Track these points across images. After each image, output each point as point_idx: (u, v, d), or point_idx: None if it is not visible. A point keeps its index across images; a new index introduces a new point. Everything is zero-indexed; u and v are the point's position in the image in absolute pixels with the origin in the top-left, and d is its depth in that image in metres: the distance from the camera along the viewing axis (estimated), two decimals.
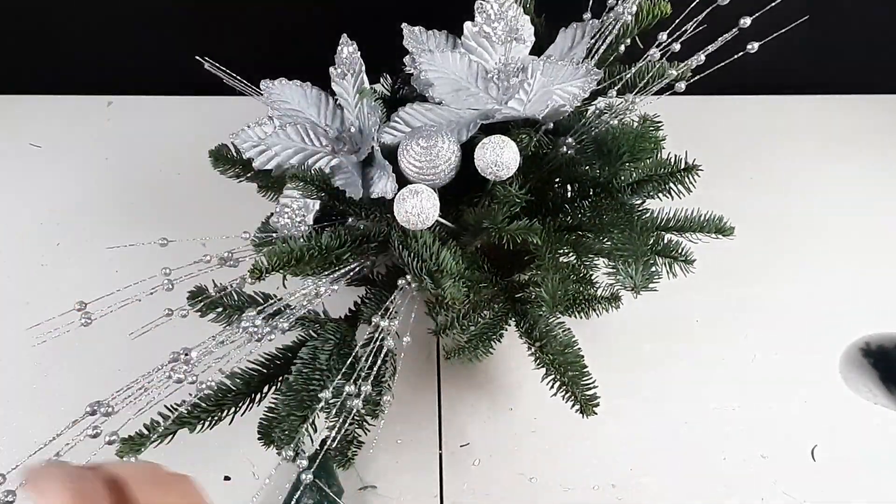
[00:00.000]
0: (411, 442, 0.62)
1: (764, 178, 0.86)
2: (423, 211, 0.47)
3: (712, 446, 0.62)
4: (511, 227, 0.50)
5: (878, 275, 0.76)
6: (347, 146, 0.58)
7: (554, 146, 0.54)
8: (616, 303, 0.60)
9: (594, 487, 0.60)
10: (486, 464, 0.61)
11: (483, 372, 0.67)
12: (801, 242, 0.79)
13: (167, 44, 0.86)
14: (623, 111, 0.53)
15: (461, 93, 0.56)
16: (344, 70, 0.57)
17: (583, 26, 0.58)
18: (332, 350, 0.53)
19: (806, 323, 0.71)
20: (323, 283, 0.52)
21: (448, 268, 0.49)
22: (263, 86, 0.59)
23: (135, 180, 0.84)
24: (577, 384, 0.53)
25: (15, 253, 0.78)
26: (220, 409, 0.52)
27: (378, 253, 0.56)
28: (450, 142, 0.51)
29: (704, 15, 0.47)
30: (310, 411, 0.49)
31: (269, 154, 0.57)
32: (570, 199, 0.57)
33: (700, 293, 0.71)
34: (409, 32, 0.59)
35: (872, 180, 0.86)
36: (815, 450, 0.62)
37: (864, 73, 0.95)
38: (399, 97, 0.63)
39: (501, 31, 0.56)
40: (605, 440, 0.62)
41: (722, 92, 0.95)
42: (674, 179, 0.52)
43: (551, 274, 0.50)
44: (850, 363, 0.68)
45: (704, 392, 0.66)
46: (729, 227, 0.54)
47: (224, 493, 0.59)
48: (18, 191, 0.84)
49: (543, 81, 0.55)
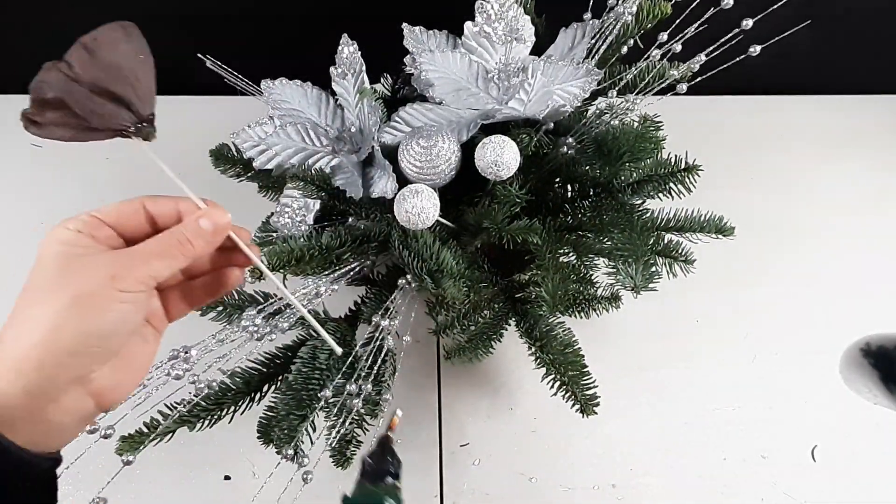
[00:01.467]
0: (411, 442, 0.62)
1: (764, 178, 0.86)
2: (424, 211, 0.47)
3: (712, 446, 0.62)
4: (511, 227, 0.50)
5: (878, 275, 0.76)
6: (348, 146, 0.58)
7: (554, 146, 0.54)
8: (616, 303, 0.60)
9: (594, 487, 0.60)
10: (486, 464, 0.61)
11: (483, 372, 0.67)
12: (801, 242, 0.79)
13: (167, 44, 0.85)
14: (623, 111, 0.53)
15: (461, 93, 0.56)
16: (344, 70, 0.57)
17: (583, 26, 0.58)
18: (331, 350, 0.53)
19: (806, 323, 0.71)
20: (323, 283, 0.52)
21: (448, 268, 0.49)
22: (264, 86, 0.59)
23: (135, 180, 0.84)
24: (578, 384, 0.53)
25: (15, 253, 0.78)
26: (219, 407, 0.52)
27: (378, 253, 0.56)
28: (450, 142, 0.51)
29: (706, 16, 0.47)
30: (309, 410, 0.49)
31: (269, 154, 0.57)
32: (570, 199, 0.57)
33: (700, 293, 0.71)
34: (409, 32, 0.59)
35: (872, 180, 0.86)
36: (815, 450, 0.62)
37: (864, 73, 0.95)
38: (399, 97, 0.63)
39: (502, 31, 0.56)
40: (605, 440, 0.62)
41: (722, 92, 0.95)
42: (674, 179, 0.52)
43: (551, 274, 0.50)
44: (851, 363, 0.67)
45: (704, 392, 0.66)
46: (729, 227, 0.54)
47: (224, 493, 0.59)
48: (18, 191, 0.84)
49: (544, 81, 0.55)
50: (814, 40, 0.65)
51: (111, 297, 0.29)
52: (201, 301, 0.36)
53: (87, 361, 0.29)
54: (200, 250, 0.32)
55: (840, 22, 0.87)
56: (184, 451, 0.60)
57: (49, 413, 0.29)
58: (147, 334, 0.33)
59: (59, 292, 0.28)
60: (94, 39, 0.33)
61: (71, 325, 0.28)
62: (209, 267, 0.36)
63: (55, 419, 0.29)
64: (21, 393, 0.27)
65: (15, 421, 0.28)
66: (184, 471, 0.60)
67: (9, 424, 0.27)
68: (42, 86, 0.33)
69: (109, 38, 0.33)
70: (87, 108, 0.32)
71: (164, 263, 0.31)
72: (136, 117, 0.34)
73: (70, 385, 0.29)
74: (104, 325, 0.29)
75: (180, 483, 0.59)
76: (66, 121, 0.33)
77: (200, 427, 0.51)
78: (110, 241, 0.32)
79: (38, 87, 0.33)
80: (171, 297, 0.35)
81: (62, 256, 0.29)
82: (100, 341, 0.29)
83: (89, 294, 0.28)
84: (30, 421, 0.28)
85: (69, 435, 0.31)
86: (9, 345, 0.28)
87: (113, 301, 0.29)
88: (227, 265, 0.35)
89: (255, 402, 0.54)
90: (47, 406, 0.28)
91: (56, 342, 0.28)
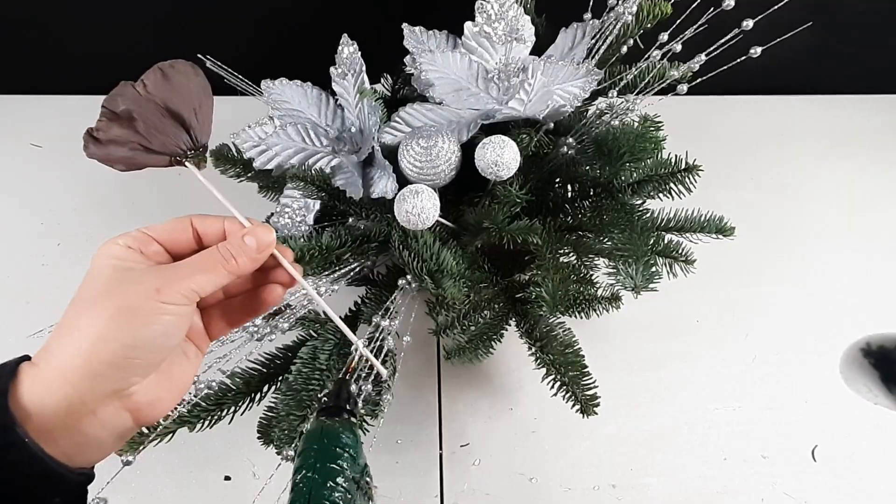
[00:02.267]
0: (411, 442, 0.62)
1: (764, 178, 0.86)
2: (424, 211, 0.47)
3: (712, 446, 0.62)
4: (511, 227, 0.50)
5: (878, 275, 0.76)
6: (348, 146, 0.58)
7: (554, 146, 0.54)
8: (616, 303, 0.60)
9: (594, 487, 0.60)
10: (486, 464, 0.61)
11: (483, 372, 0.67)
12: (801, 242, 0.79)
13: (167, 44, 0.86)
14: (623, 111, 0.53)
15: (462, 93, 0.56)
16: (344, 70, 0.57)
17: (583, 26, 0.58)
18: (332, 350, 0.53)
19: (806, 323, 0.71)
20: (323, 283, 0.52)
21: (448, 268, 0.49)
22: (264, 86, 0.59)
23: (135, 180, 0.84)
24: (578, 384, 0.53)
25: (15, 253, 0.78)
26: (219, 408, 0.52)
27: (378, 253, 0.56)
28: (450, 142, 0.51)
29: (706, 17, 0.47)
30: (309, 411, 0.49)
31: (269, 154, 0.57)
32: (570, 199, 0.57)
33: (700, 293, 0.71)
34: (409, 32, 0.59)
35: (872, 180, 0.86)
36: (816, 450, 0.62)
37: (864, 73, 0.95)
38: (399, 97, 0.63)
39: (502, 31, 0.56)
40: (605, 440, 0.62)
41: (722, 92, 0.95)
42: (674, 179, 0.52)
43: (551, 274, 0.50)
44: (851, 363, 0.67)
45: (705, 392, 0.66)
46: (729, 227, 0.54)
47: (224, 493, 0.59)
48: (18, 191, 0.84)
49: (544, 81, 0.55)
50: (814, 40, 0.65)
51: (155, 309, 0.29)
52: (242, 320, 0.37)
53: (129, 374, 0.29)
54: (244, 267, 0.33)
55: (840, 22, 0.87)
56: (184, 451, 0.60)
57: (86, 425, 0.29)
58: (189, 352, 0.34)
59: (106, 303, 0.29)
60: (171, 66, 0.35)
61: (114, 335, 0.28)
62: (250, 286, 0.36)
63: (91, 432, 0.29)
64: (61, 403, 0.28)
65: (52, 431, 0.28)
66: (184, 471, 0.60)
67: (46, 435, 0.27)
68: (117, 99, 0.35)
69: (184, 69, 0.36)
70: (153, 126, 0.34)
71: (207, 278, 0.31)
72: (193, 143, 0.36)
73: (109, 398, 0.29)
74: (147, 338, 0.29)
75: (180, 483, 0.59)
76: (128, 139, 0.35)
77: (200, 427, 0.51)
78: (158, 256, 0.33)
79: (113, 99, 0.35)
80: (213, 315, 0.36)
81: (111, 269, 0.30)
82: (142, 354, 0.29)
83: (134, 306, 0.29)
84: (66, 432, 0.28)
85: (104, 451, 0.31)
86: (54, 353, 0.29)
87: (156, 313, 0.29)
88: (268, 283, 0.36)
89: (256, 403, 0.53)
90: (85, 418, 0.29)
91: (99, 353, 0.28)
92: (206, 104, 0.36)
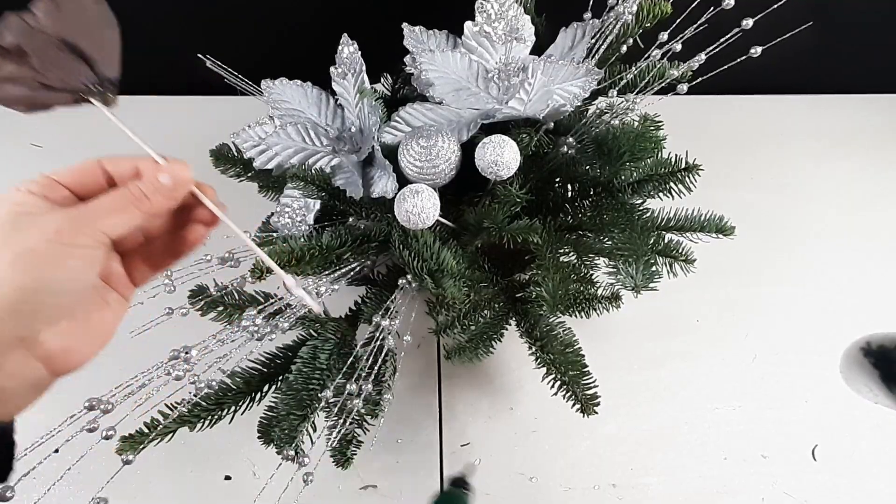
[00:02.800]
0: (411, 442, 0.62)
1: (764, 177, 0.86)
2: (424, 210, 0.47)
3: (712, 446, 0.62)
4: (511, 226, 0.50)
5: (878, 275, 0.76)
6: (348, 146, 0.58)
7: (554, 146, 0.54)
8: (616, 302, 0.60)
9: (594, 487, 0.60)
10: (487, 464, 0.61)
11: (483, 372, 0.67)
12: (801, 242, 0.79)
13: (167, 44, 0.86)
14: (623, 111, 0.53)
15: (462, 92, 0.56)
16: (344, 70, 0.57)
17: (583, 26, 0.58)
18: (332, 349, 0.53)
19: (806, 323, 0.71)
20: (323, 283, 0.52)
21: (448, 267, 0.49)
22: (264, 85, 0.59)
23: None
24: (578, 384, 0.53)
25: None
26: (220, 407, 0.52)
27: (378, 252, 0.56)
28: (450, 141, 0.51)
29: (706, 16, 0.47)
30: (309, 410, 0.49)
31: (269, 154, 0.57)
32: (570, 199, 0.57)
33: (700, 293, 0.71)
34: (409, 32, 0.59)
35: (872, 180, 0.86)
36: (816, 449, 0.62)
37: (864, 73, 0.95)
38: (399, 97, 0.63)
39: (502, 30, 0.56)
40: (605, 440, 0.62)
41: (722, 92, 0.95)
42: (674, 179, 0.52)
43: (552, 274, 0.50)
44: (851, 363, 0.67)
45: (705, 392, 0.66)
46: (729, 227, 0.54)
47: (224, 493, 0.59)
48: None
49: (544, 81, 0.55)
50: (814, 40, 0.65)
51: (57, 252, 0.28)
52: (165, 263, 0.35)
53: (32, 321, 0.28)
54: (159, 206, 0.31)
55: (840, 22, 0.87)
56: (184, 451, 0.60)
57: None
58: (110, 299, 0.32)
59: (3, 251, 0.27)
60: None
61: (12, 280, 0.27)
62: (171, 227, 0.35)
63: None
64: None
65: None
66: (184, 471, 0.60)
67: None
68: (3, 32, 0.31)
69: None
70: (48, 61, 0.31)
71: (118, 219, 0.30)
72: (97, 77, 0.33)
73: (13, 347, 0.28)
74: (49, 281, 0.28)
75: (180, 483, 0.59)
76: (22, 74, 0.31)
77: (201, 427, 0.51)
78: (66, 201, 0.31)
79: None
80: (134, 259, 0.34)
81: (10, 215, 0.29)
82: (45, 298, 0.28)
83: (32, 250, 0.27)
84: None
85: (18, 403, 0.30)
86: None
87: (60, 257, 0.28)
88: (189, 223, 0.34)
89: (256, 402, 0.54)
90: None
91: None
92: (110, 35, 0.33)
